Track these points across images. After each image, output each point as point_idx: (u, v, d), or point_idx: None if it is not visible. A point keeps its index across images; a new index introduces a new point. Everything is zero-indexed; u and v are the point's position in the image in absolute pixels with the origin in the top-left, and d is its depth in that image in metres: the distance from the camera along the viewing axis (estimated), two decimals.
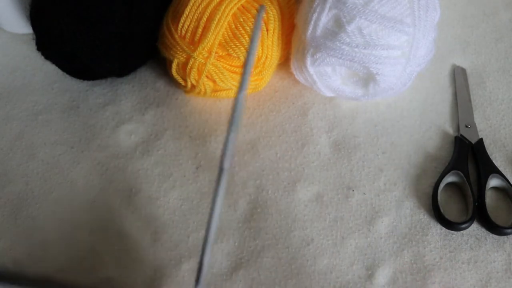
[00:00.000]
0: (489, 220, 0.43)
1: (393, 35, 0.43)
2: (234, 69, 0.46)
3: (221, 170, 0.29)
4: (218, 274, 0.42)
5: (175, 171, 0.46)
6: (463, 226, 0.43)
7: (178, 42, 0.45)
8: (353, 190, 0.45)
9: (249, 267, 0.42)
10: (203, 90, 0.47)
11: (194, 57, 0.45)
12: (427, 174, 0.46)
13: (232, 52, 0.45)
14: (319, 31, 0.44)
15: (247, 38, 0.45)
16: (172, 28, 0.46)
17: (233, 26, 0.45)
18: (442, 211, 0.43)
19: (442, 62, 0.53)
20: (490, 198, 0.45)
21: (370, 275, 0.42)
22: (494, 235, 0.43)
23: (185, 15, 0.45)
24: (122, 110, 0.49)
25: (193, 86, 0.47)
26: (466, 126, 0.48)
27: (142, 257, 0.42)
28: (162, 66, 0.51)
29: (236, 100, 0.31)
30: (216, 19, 0.44)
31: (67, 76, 0.51)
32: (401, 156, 0.47)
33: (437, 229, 0.43)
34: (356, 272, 0.42)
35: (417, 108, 0.50)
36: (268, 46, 0.46)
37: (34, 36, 0.47)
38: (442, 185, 0.45)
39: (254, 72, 0.47)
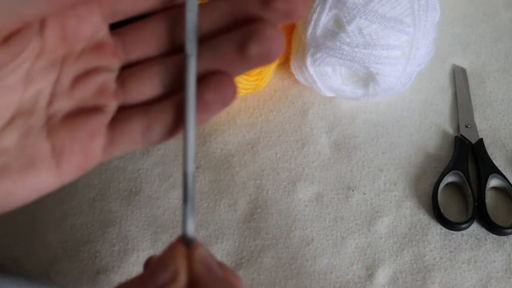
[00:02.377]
0: (489, 220, 0.43)
1: (393, 35, 0.43)
2: None
3: (186, 56, 0.26)
4: None
5: (175, 171, 0.46)
6: (463, 226, 0.43)
7: None
8: (353, 190, 0.45)
9: (249, 267, 0.42)
10: None
11: None
12: (427, 174, 0.46)
13: None
14: (319, 31, 0.44)
15: None
16: None
17: None
18: (442, 211, 0.43)
19: (442, 62, 0.53)
20: (490, 198, 0.45)
21: (370, 275, 0.42)
22: (494, 235, 0.43)
23: None
24: None
25: None
26: (466, 126, 0.48)
27: (142, 257, 0.42)
28: None
29: None
30: None
31: None
32: (401, 156, 0.47)
33: (437, 229, 0.43)
34: (356, 272, 0.42)
35: (417, 108, 0.50)
36: None
37: None
38: (442, 185, 0.45)
39: (254, 72, 0.47)
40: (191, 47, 0.25)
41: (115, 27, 0.27)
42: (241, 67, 0.25)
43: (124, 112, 0.26)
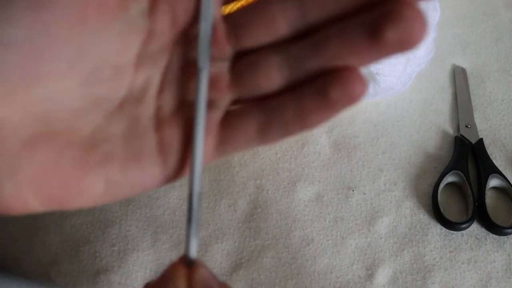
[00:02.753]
0: (489, 220, 0.43)
1: None
2: None
3: (198, 69, 0.23)
4: (218, 274, 0.42)
5: None
6: (463, 226, 0.43)
7: None
8: (353, 190, 0.45)
9: (249, 267, 0.42)
10: None
11: None
12: (427, 174, 0.46)
13: None
14: None
15: None
16: None
17: None
18: (442, 211, 0.43)
19: (442, 62, 0.53)
20: (490, 198, 0.45)
21: (370, 275, 0.42)
22: (494, 235, 0.43)
23: None
24: None
25: None
26: (466, 126, 0.48)
27: (142, 257, 0.42)
28: None
29: None
30: None
31: None
32: (401, 156, 0.47)
33: (437, 229, 0.43)
34: (356, 272, 0.42)
35: (417, 108, 0.50)
36: None
37: None
38: (442, 185, 0.45)
39: None
40: (203, 60, 0.23)
41: None
42: (373, 55, 0.21)
43: (238, 106, 0.24)
